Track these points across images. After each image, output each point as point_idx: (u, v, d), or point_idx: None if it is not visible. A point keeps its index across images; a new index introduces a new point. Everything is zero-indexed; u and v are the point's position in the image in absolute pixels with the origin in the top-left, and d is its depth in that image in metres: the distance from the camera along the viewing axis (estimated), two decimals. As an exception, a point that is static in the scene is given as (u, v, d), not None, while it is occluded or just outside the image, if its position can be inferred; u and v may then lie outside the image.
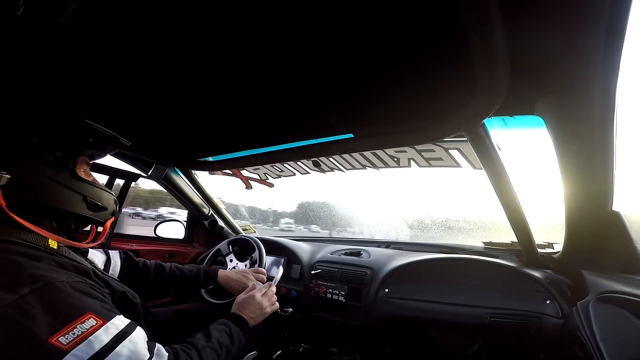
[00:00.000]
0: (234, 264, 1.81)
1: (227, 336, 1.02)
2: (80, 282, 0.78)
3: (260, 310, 1.23)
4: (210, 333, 0.99)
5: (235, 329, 1.07)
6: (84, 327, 0.69)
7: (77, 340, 0.67)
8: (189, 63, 0.92)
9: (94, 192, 0.97)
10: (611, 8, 0.58)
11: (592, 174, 0.95)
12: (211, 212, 2.35)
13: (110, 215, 1.05)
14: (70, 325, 0.68)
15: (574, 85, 0.76)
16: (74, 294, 0.74)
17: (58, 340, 0.65)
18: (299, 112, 1.18)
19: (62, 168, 0.90)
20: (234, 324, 1.09)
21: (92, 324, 0.70)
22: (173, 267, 1.45)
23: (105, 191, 1.02)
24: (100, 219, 1.01)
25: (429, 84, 0.92)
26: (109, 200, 1.03)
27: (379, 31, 0.74)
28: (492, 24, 0.62)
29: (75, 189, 0.92)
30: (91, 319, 0.71)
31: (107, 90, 1.08)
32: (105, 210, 1.01)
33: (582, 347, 1.06)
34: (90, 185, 0.96)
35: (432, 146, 1.26)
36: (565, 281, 1.39)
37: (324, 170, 1.68)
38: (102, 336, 0.70)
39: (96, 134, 1.00)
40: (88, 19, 0.74)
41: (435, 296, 1.53)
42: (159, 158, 1.86)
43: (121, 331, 0.74)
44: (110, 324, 0.73)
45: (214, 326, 1.04)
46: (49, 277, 0.73)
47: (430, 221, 2.41)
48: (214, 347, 0.94)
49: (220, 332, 1.02)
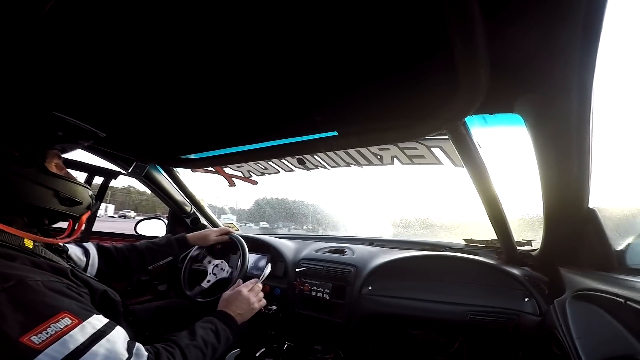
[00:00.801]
0: (214, 263, 1.78)
1: (212, 334, 1.02)
2: (55, 282, 0.77)
3: (249, 306, 1.23)
4: (195, 331, 0.98)
5: (221, 326, 1.07)
6: (58, 327, 0.67)
7: (51, 339, 0.65)
8: (171, 58, 0.90)
9: (67, 186, 0.94)
10: (587, 8, 0.59)
11: (569, 171, 0.97)
12: (193, 209, 2.32)
13: (86, 210, 1.02)
14: (44, 325, 0.66)
15: (551, 84, 0.77)
16: (48, 293, 0.72)
17: (30, 340, 0.64)
18: (283, 110, 1.17)
19: (29, 163, 0.86)
20: (220, 321, 1.09)
21: (67, 323, 0.68)
22: (143, 242, 1.51)
23: (79, 185, 0.98)
24: (76, 213, 0.98)
25: (411, 83, 0.94)
26: (83, 193, 0.99)
27: (363, 31, 0.75)
28: (473, 24, 0.63)
29: (45, 184, 0.89)
30: (66, 318, 0.69)
31: (84, 85, 1.05)
32: (80, 204, 0.98)
33: (559, 345, 1.07)
34: (62, 180, 0.93)
35: (414, 144, 1.27)
36: (543, 279, 1.42)
37: (308, 168, 1.67)
38: (77, 335, 0.68)
39: (66, 127, 0.96)
40: (66, 13, 0.71)
41: (418, 294, 1.54)
42: (140, 155, 1.81)
43: (98, 330, 0.73)
44: (86, 323, 0.72)
45: (199, 324, 1.03)
46: (21, 276, 0.71)
47: (413, 218, 2.43)
48: (198, 346, 0.94)
49: (206, 330, 1.01)
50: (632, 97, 1.04)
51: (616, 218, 1.14)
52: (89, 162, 1.61)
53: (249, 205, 5.22)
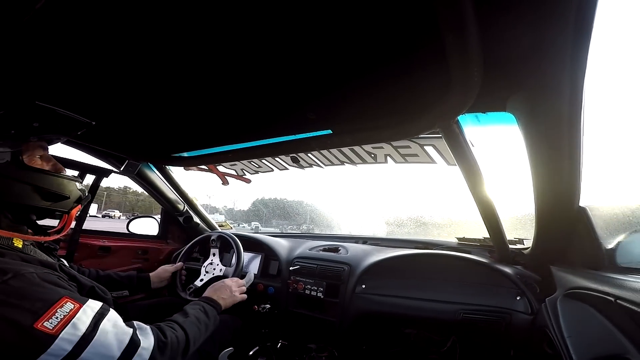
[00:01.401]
0: (207, 262, 1.77)
1: (202, 313, 1.10)
2: (47, 273, 0.78)
3: (230, 292, 1.33)
4: (187, 311, 1.06)
5: (208, 307, 1.16)
6: (64, 311, 0.69)
7: (62, 323, 0.67)
8: (165, 55, 0.89)
9: (49, 180, 0.90)
10: (578, 6, 0.59)
11: (560, 170, 0.97)
12: (186, 208, 2.30)
13: (75, 204, 0.98)
14: (51, 310, 0.68)
15: (543, 82, 0.77)
16: (44, 283, 0.73)
17: (44, 326, 0.65)
18: (277, 108, 1.17)
19: (2, 158, 0.82)
20: (206, 303, 1.18)
21: (71, 307, 0.71)
22: (108, 271, 1.50)
23: (64, 178, 0.94)
24: (63, 208, 0.94)
25: (405, 82, 0.94)
26: (70, 187, 0.95)
27: (357, 30, 0.75)
28: (466, 23, 0.63)
29: (22, 179, 0.85)
30: (68, 302, 0.71)
31: (76, 82, 1.03)
32: (67, 198, 0.94)
33: (550, 344, 1.08)
34: (43, 174, 0.89)
35: (408, 142, 1.27)
36: (534, 277, 1.42)
37: (302, 166, 1.67)
38: (83, 318, 0.71)
39: (43, 117, 0.90)
40: (57, 7, 0.71)
41: (411, 292, 1.54)
42: (132, 153, 1.80)
43: (98, 312, 0.75)
44: (86, 306, 0.74)
45: (188, 306, 1.11)
46: (17, 269, 0.72)
47: (406, 217, 2.44)
48: (192, 321, 1.01)
49: (195, 309, 1.09)
50: (623, 96, 1.05)
51: (606, 217, 1.15)
52: (79, 160, 1.60)
53: (243, 205, 5.24)
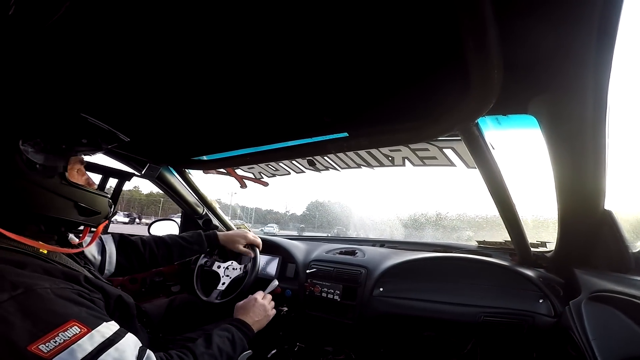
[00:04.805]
0: (225, 266, 1.79)
1: (228, 342, 1.04)
2: (65, 289, 0.75)
3: (265, 313, 1.28)
4: (212, 339, 1.00)
5: (238, 335, 1.09)
6: (66, 335, 0.66)
7: (59, 348, 0.64)
8: (184, 61, 0.91)
9: (87, 197, 0.92)
10: (603, 8, 0.58)
11: (585, 173, 0.95)
12: (205, 211, 2.34)
13: (104, 219, 1.00)
14: (52, 333, 0.65)
15: (566, 85, 0.76)
16: (57, 300, 0.71)
17: (38, 348, 0.63)
18: (293, 111, 1.18)
19: (51, 173, 0.84)
20: (238, 330, 1.11)
21: (75, 332, 0.67)
22: (172, 236, 1.48)
23: (98, 195, 0.96)
24: (94, 223, 0.96)
25: (423, 84, 0.93)
26: (103, 203, 0.97)
27: (374, 32, 0.75)
28: (486, 25, 0.63)
29: (66, 195, 0.86)
30: (75, 326, 0.68)
31: (100, 89, 1.06)
32: (99, 214, 0.96)
33: (574, 346, 1.06)
34: (83, 191, 0.91)
35: (426, 145, 1.26)
36: (558, 280, 1.40)
37: (318, 169, 1.68)
38: (85, 344, 0.67)
39: (91, 131, 0.93)
40: (82, 17, 0.73)
41: (430, 295, 1.53)
42: (153, 157, 1.84)
43: (107, 339, 0.72)
44: (95, 331, 0.70)
45: (216, 331, 1.05)
46: (30, 283, 0.70)
47: (425, 220, 2.42)
48: (213, 355, 0.96)
49: (222, 338, 1.03)
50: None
51: (633, 220, 1.12)
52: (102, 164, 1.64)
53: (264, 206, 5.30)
